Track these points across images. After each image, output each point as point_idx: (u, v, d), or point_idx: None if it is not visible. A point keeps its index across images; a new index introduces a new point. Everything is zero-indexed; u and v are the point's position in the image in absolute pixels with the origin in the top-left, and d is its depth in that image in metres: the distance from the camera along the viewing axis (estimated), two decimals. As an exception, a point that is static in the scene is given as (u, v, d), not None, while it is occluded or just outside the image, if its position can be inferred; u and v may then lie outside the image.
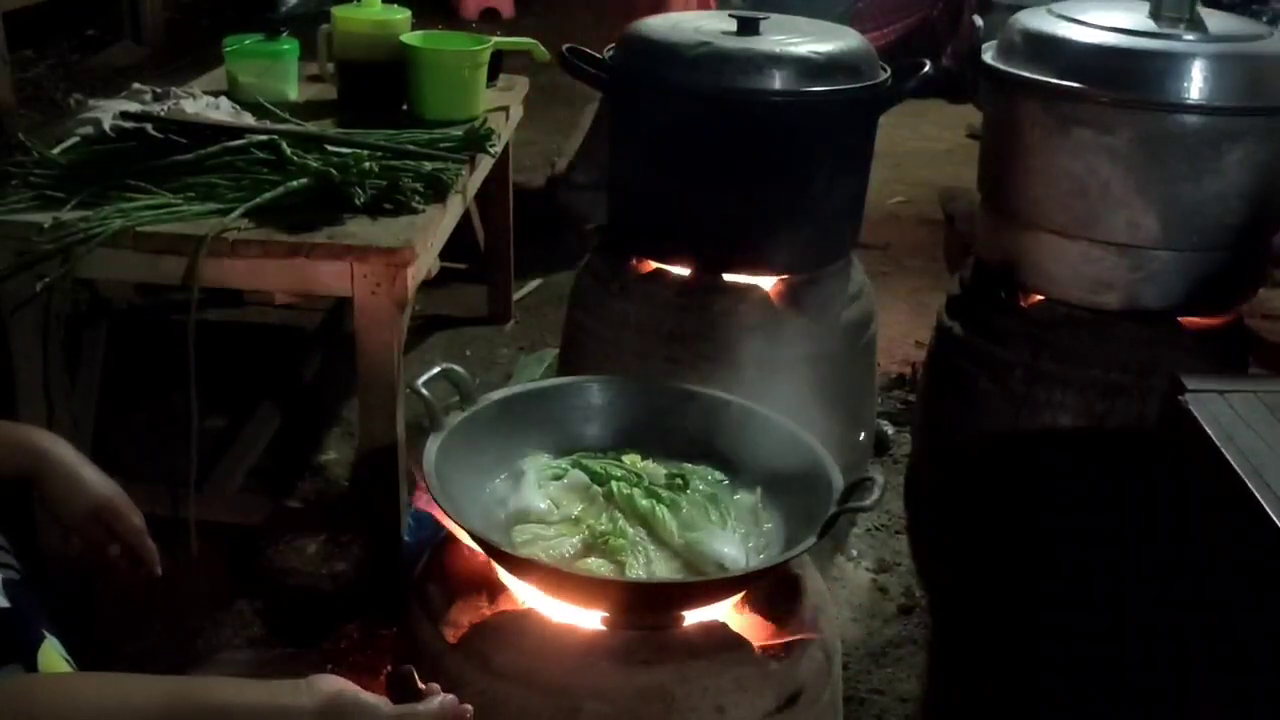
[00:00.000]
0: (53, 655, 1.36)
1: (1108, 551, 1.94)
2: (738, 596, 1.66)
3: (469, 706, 1.28)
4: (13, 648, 1.33)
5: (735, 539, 1.72)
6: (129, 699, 1.10)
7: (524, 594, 1.64)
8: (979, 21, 2.35)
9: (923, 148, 5.27)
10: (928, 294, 3.61)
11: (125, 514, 1.48)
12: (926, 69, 2.31)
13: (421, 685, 1.25)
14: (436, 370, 1.81)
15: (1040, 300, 2.26)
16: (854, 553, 2.56)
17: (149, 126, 2.23)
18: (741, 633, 1.61)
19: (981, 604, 2.15)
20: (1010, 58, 2.21)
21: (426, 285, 2.38)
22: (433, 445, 1.73)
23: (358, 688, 1.17)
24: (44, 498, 1.45)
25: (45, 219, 2.01)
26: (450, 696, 1.26)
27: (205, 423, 2.15)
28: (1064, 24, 2.17)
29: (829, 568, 2.46)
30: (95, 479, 1.47)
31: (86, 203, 2.07)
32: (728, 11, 2.27)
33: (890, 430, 2.97)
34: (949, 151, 5.24)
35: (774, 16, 2.30)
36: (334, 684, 1.16)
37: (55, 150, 2.23)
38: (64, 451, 1.47)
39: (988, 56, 2.25)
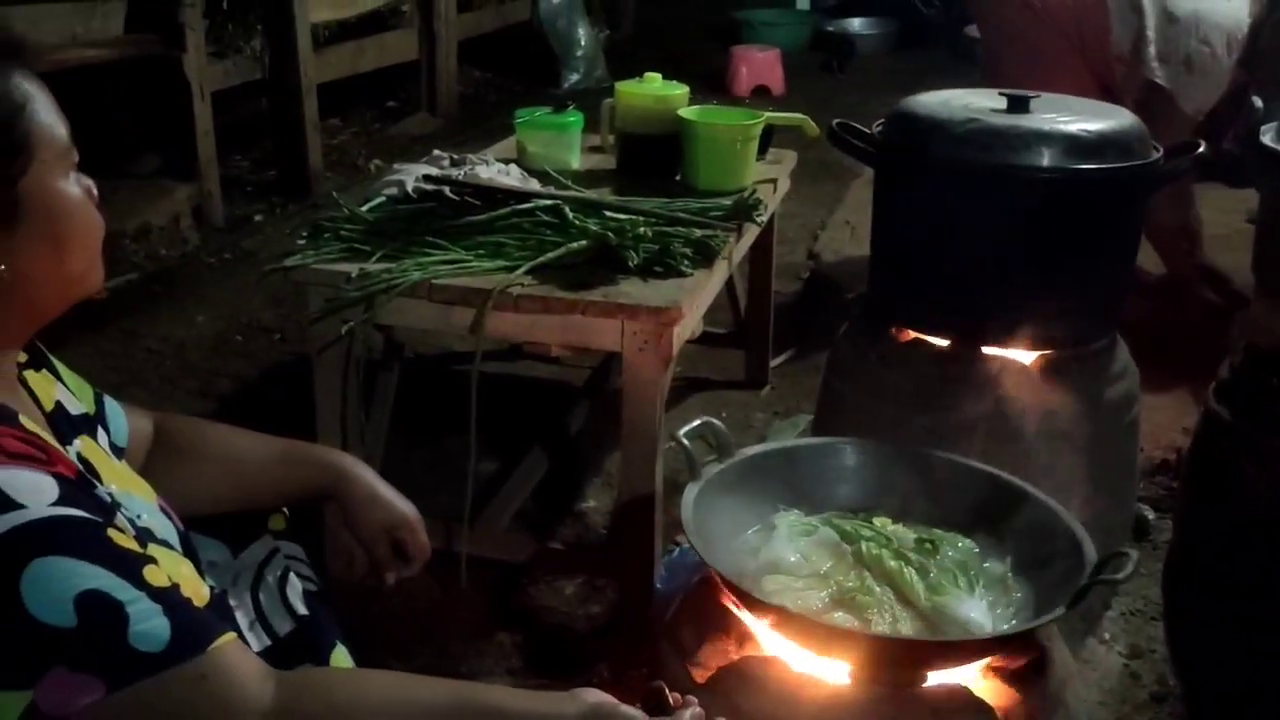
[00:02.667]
0: (342, 661, 1.49)
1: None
2: (983, 661, 1.67)
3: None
4: (308, 651, 1.47)
5: (983, 605, 1.73)
6: (417, 692, 1.20)
7: (771, 642, 1.69)
8: (1258, 103, 2.30)
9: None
10: (1199, 379, 3.49)
11: (418, 530, 1.58)
12: (1200, 149, 2.29)
13: (673, 700, 1.33)
14: (698, 423, 1.90)
15: (1315, 388, 2.19)
16: (1107, 635, 2.51)
17: (447, 189, 2.42)
18: (985, 698, 1.63)
19: (1238, 698, 2.07)
20: (1291, 140, 2.16)
21: (688, 347, 2.47)
22: (691, 492, 1.81)
23: (616, 700, 1.26)
24: (344, 512, 1.56)
25: (352, 269, 2.20)
26: (700, 710, 1.31)
27: (479, 464, 2.30)
28: (1350, 106, 2.12)
29: (1080, 648, 2.41)
30: (393, 496, 1.58)
31: (389, 256, 2.25)
32: (997, 90, 2.31)
33: (1151, 515, 2.89)
34: (1226, 237, 5.02)
35: (1044, 95, 2.32)
36: (596, 694, 1.25)
37: (364, 208, 2.43)
38: (364, 471, 1.58)
39: (1266, 139, 2.21)
